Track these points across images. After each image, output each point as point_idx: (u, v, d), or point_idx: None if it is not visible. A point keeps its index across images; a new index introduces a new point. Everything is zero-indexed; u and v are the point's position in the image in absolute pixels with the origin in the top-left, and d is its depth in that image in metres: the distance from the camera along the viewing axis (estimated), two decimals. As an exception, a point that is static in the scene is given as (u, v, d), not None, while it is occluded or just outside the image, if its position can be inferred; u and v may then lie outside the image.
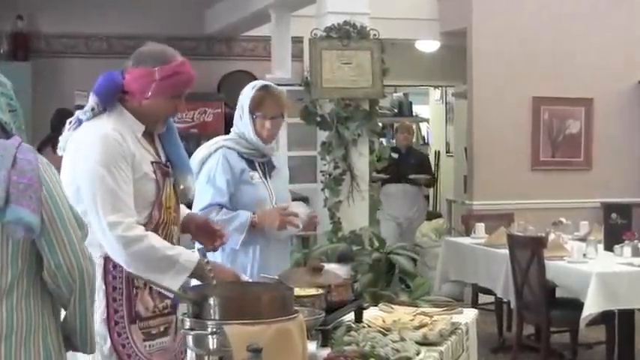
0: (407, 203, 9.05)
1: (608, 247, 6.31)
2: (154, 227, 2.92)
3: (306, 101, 6.51)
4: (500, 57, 8.61)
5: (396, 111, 12.27)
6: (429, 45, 10.36)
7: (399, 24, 9.19)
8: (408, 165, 9.03)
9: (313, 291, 3.10)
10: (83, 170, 2.83)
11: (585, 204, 8.61)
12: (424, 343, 3.12)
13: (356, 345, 3.00)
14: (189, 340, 2.43)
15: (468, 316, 3.66)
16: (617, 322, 6.12)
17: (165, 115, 2.99)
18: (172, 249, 2.86)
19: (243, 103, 4.03)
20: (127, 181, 2.84)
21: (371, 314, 3.46)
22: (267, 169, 4.01)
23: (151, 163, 2.96)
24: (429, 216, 10.61)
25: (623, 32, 8.87)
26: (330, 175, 6.45)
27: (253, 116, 3.96)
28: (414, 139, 13.64)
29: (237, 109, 4.06)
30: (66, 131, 2.95)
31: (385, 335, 3.12)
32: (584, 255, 6.10)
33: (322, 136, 6.54)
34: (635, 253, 6.09)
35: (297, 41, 8.63)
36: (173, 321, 2.99)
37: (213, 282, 2.81)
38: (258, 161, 3.97)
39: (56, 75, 9.69)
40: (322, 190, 6.47)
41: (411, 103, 12.57)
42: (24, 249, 2.22)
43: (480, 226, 7.36)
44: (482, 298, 7.32)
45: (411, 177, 9.01)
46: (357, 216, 6.50)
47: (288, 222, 3.84)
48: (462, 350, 3.43)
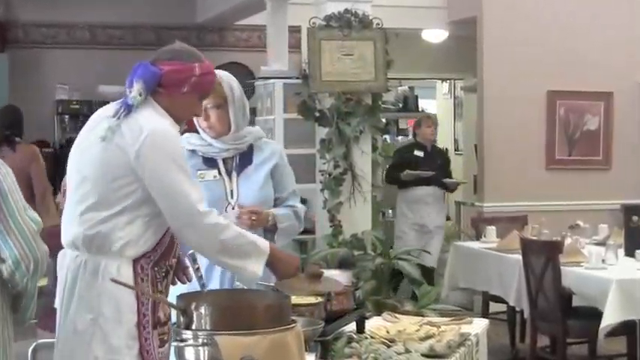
0: (435, 210, 8.58)
1: (630, 253, 6.30)
2: (168, 229, 2.96)
3: (304, 95, 6.52)
4: (512, 47, 8.61)
5: (400, 106, 12.27)
6: (436, 35, 10.36)
7: (403, 12, 9.19)
8: (435, 165, 8.58)
9: (312, 299, 3.10)
10: (157, 162, 2.86)
11: (604, 206, 8.61)
12: (431, 355, 3.12)
13: (358, 357, 3.00)
14: (178, 351, 2.43)
15: (478, 326, 3.66)
16: (639, 333, 6.12)
17: (193, 113, 3.13)
18: (251, 234, 2.98)
19: None
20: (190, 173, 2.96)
21: (374, 324, 3.47)
22: (236, 165, 3.93)
23: None
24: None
25: (645, 21, 8.88)
26: (329, 174, 6.45)
27: None
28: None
29: None
30: (112, 118, 2.98)
31: (389, 347, 3.13)
32: (603, 261, 6.09)
33: (321, 132, 6.55)
34: (658, 258, 6.09)
35: (294, 31, 8.63)
36: (171, 328, 3.01)
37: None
38: (223, 156, 3.93)
39: (35, 67, 9.70)
40: (321, 190, 6.48)
41: (416, 98, 12.56)
42: None
43: (491, 230, 7.36)
44: (494, 307, 7.32)
45: (445, 180, 8.56)
46: (358, 218, 6.51)
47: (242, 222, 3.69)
48: (472, 363, 3.44)
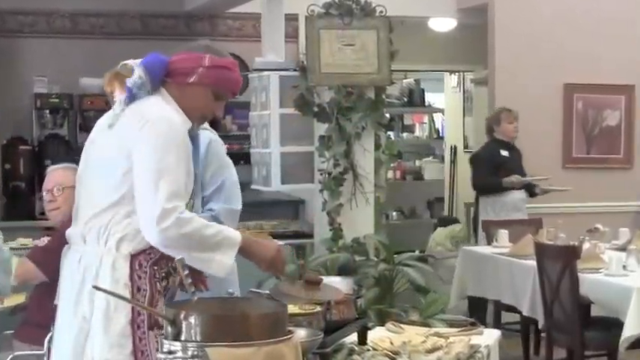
0: (525, 216, 8.02)
1: (652, 258, 6.31)
2: None
3: (301, 89, 6.52)
4: (526, 37, 8.61)
5: (405, 100, 12.28)
6: (444, 23, 10.37)
7: (409, -1, 9.20)
8: (519, 165, 8.18)
9: (310, 308, 3.11)
10: (144, 150, 2.94)
11: (625, 208, 8.62)
12: (438, 368, 3.12)
13: (359, 371, 3.00)
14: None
15: (489, 337, 3.66)
16: (662, 344, 6.12)
17: (202, 112, 3.13)
18: (218, 225, 3.05)
19: None
20: (187, 164, 2.99)
21: (377, 335, 3.47)
22: None
23: None
24: (444, 221, 10.62)
25: (670, 9, 8.88)
26: (329, 174, 6.45)
27: None
28: (427, 132, 13.73)
29: None
30: (117, 107, 3.07)
31: (393, 359, 3.13)
32: (624, 267, 6.10)
33: (320, 129, 6.55)
34: (683, 264, 6.09)
35: (291, 19, 8.63)
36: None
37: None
38: None
39: (11, 58, 9.69)
40: (320, 191, 6.47)
41: (423, 91, 12.57)
42: None
43: (503, 234, 7.36)
44: (506, 317, 7.32)
45: (549, 188, 8.11)
46: (360, 221, 6.51)
47: None
48: (483, 377, 3.44)
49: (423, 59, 11.20)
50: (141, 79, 3.04)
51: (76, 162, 3.43)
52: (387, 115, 7.21)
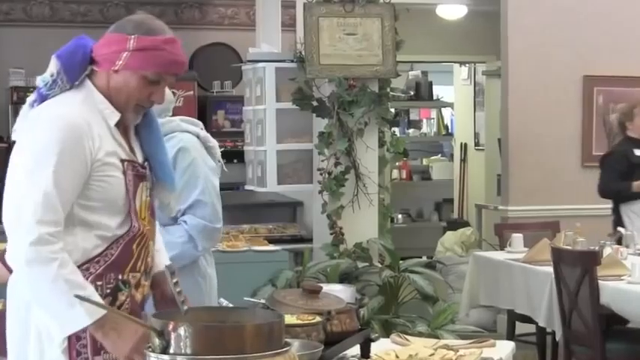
0: None
1: (678, 264, 6.31)
2: (129, 239, 2.98)
3: (299, 82, 6.52)
4: (542, 26, 8.61)
5: (412, 93, 12.30)
6: (453, 10, 10.37)
7: (416, -16, 9.21)
8: None
9: (309, 318, 3.11)
10: (21, 157, 2.87)
11: (649, 210, 8.61)
12: (447, 383, 3.12)
13: (362, 386, 3.01)
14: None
15: (502, 350, 3.66)
16: (690, 357, 6.13)
17: (135, 99, 3.00)
18: (84, 287, 2.84)
19: None
20: (73, 181, 2.86)
21: (381, 348, 3.47)
22: None
23: (121, 161, 2.99)
24: (454, 225, 10.62)
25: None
26: (329, 173, 6.46)
27: None
28: (435, 129, 13.74)
29: None
30: (23, 112, 3.00)
31: (399, 374, 3.13)
32: (648, 274, 6.10)
33: (320, 125, 6.55)
34: None
35: (288, 6, 8.63)
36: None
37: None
38: None
39: (-14, 48, 9.68)
40: (320, 192, 6.48)
41: (431, 84, 12.58)
42: None
43: (518, 238, 7.36)
44: (521, 328, 7.33)
45: None
46: (363, 225, 6.51)
47: None
48: (495, 392, 3.44)
49: (430, 49, 11.20)
50: (52, 76, 2.94)
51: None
52: (392, 110, 7.22)
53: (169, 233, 3.99)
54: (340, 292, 3.45)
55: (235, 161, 9.30)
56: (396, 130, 11.28)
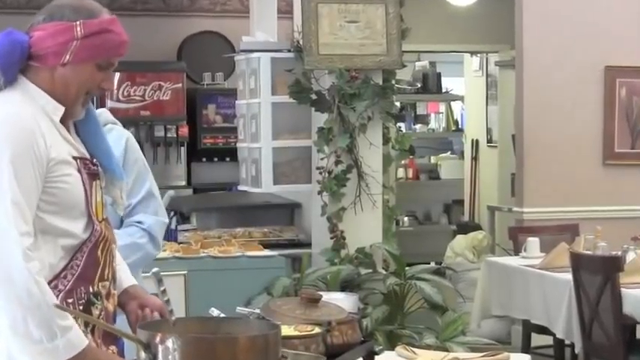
0: None
1: None
2: (93, 246, 2.96)
3: (297, 73, 6.52)
4: (560, 12, 8.61)
5: (419, 86, 12.29)
6: (463, -4, 10.37)
7: (423, -32, 9.21)
8: None
9: (307, 329, 3.11)
10: None
11: (676, 212, 8.62)
12: (458, 399, 3.13)
13: (365, 403, 3.01)
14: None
15: (517, 363, 3.66)
16: None
17: (85, 89, 2.96)
18: (66, 318, 2.81)
19: None
20: (35, 185, 2.83)
21: (386, 361, 3.47)
22: None
23: (74, 158, 2.96)
24: (465, 228, 10.62)
25: None
26: (329, 173, 6.46)
27: None
28: (444, 124, 13.74)
29: None
30: None
31: (405, 389, 3.13)
32: (675, 281, 6.11)
33: (319, 120, 6.55)
34: None
35: (284, -9, 8.64)
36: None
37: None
38: None
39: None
40: (319, 193, 6.48)
41: (439, 76, 12.57)
42: None
43: (534, 242, 7.37)
44: (537, 340, 7.33)
45: None
46: (366, 228, 6.51)
47: None
48: (510, 409, 3.44)
49: (439, 38, 11.21)
50: None
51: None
52: (397, 103, 7.22)
53: (129, 235, 3.98)
54: (341, 301, 3.45)
55: (228, 159, 9.31)
56: (402, 125, 11.30)
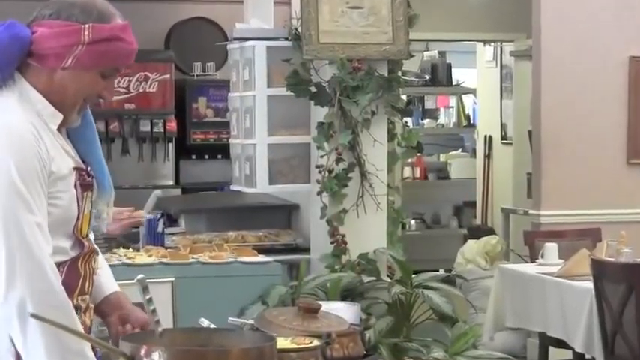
0: None
1: None
2: (75, 258, 2.98)
3: (295, 63, 6.52)
4: (581, -2, 8.63)
5: (427, 78, 12.30)
6: (476, -20, 10.38)
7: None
8: None
9: (305, 342, 3.11)
10: None
11: None
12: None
13: (368, 422, 3.01)
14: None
15: (532, 379, 3.67)
16: None
17: (83, 96, 2.97)
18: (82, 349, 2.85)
19: None
20: (41, 204, 2.85)
21: (390, 376, 3.48)
22: None
23: (73, 169, 2.98)
24: (477, 233, 10.63)
25: None
26: (330, 172, 6.46)
27: None
28: (454, 119, 13.75)
29: None
30: None
31: (411, 407, 3.14)
32: None
33: (319, 114, 6.56)
34: None
35: (281, -25, 8.65)
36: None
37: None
38: None
39: None
40: (319, 194, 6.48)
41: (449, 67, 12.59)
42: None
43: (552, 248, 7.37)
44: (554, 354, 7.34)
45: None
46: (370, 232, 6.52)
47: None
48: None
49: (449, 26, 11.22)
50: None
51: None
52: (404, 97, 7.22)
53: None
54: (342, 311, 3.46)
55: (219, 157, 9.32)
56: (409, 120, 11.32)
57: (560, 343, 7.00)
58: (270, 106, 6.89)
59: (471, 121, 13.65)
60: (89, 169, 3.06)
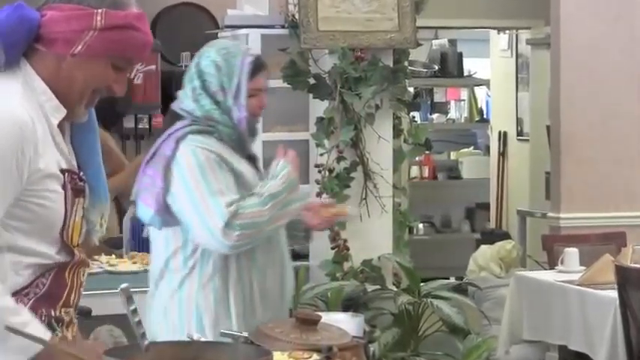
0: None
1: None
2: (62, 266, 3.00)
3: (292, 53, 6.53)
4: (603, -18, 8.64)
5: (436, 68, 12.31)
6: (489, -38, 10.39)
7: None
8: None
9: (304, 356, 3.12)
10: None
11: None
12: None
13: None
14: None
15: (552, 396, 3.68)
16: None
17: (92, 89, 2.98)
18: (17, 313, 2.87)
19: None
20: (10, 190, 2.86)
21: (397, 394, 3.49)
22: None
23: (62, 171, 2.98)
24: (490, 237, 10.63)
25: None
26: (330, 171, 6.47)
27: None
28: (466, 113, 13.75)
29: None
30: None
31: None
32: None
33: (319, 108, 6.56)
34: None
35: (277, -44, 8.65)
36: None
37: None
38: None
39: None
40: (318, 195, 6.49)
41: (460, 56, 12.60)
42: None
43: (572, 254, 7.37)
44: (576, 369, 7.35)
45: None
46: (374, 237, 6.53)
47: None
48: None
49: (460, 12, 11.21)
50: None
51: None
52: (411, 89, 7.23)
53: None
54: (344, 323, 3.46)
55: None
56: (416, 115, 11.31)
57: (582, 357, 7.00)
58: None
59: (484, 116, 13.67)
60: (81, 173, 3.06)
